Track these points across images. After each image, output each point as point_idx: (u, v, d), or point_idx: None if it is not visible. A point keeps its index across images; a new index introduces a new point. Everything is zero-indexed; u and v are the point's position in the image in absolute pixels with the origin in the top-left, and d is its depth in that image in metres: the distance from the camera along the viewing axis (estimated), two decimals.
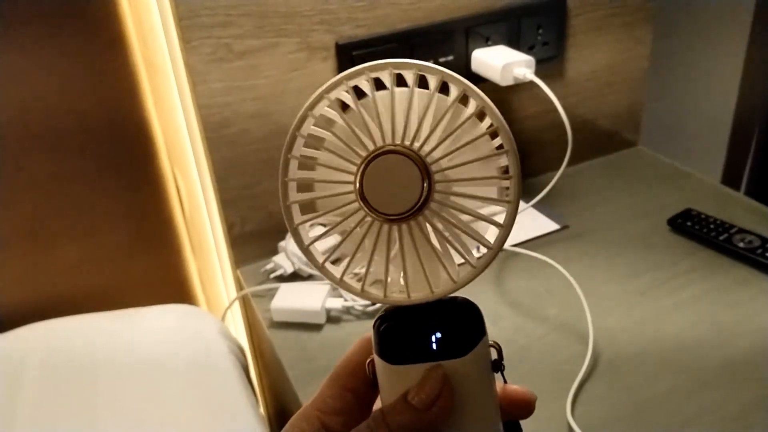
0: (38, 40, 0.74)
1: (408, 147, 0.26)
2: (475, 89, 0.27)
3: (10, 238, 0.83)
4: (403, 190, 0.26)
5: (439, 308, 0.29)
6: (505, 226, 0.28)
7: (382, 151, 0.26)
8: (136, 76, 0.80)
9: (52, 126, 0.79)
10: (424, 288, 0.28)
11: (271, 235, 0.81)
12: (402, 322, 0.29)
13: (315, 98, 0.27)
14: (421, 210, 0.27)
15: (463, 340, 0.28)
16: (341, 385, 0.30)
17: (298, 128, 0.28)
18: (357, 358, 0.30)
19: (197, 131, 0.78)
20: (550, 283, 0.73)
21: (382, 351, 0.29)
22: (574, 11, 0.87)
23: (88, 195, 0.84)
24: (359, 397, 0.30)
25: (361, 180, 0.26)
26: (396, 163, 0.26)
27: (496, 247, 0.28)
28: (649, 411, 0.59)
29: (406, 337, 0.28)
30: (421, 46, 0.79)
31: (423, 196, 0.26)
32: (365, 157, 0.27)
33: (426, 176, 0.26)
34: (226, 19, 0.70)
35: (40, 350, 0.75)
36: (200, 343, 0.77)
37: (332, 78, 0.27)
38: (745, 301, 0.70)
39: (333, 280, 0.29)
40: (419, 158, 0.26)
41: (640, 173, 0.96)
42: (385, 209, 0.27)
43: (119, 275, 0.90)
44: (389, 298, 0.28)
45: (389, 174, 0.26)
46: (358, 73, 0.27)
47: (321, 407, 0.30)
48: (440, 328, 0.28)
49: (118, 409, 0.68)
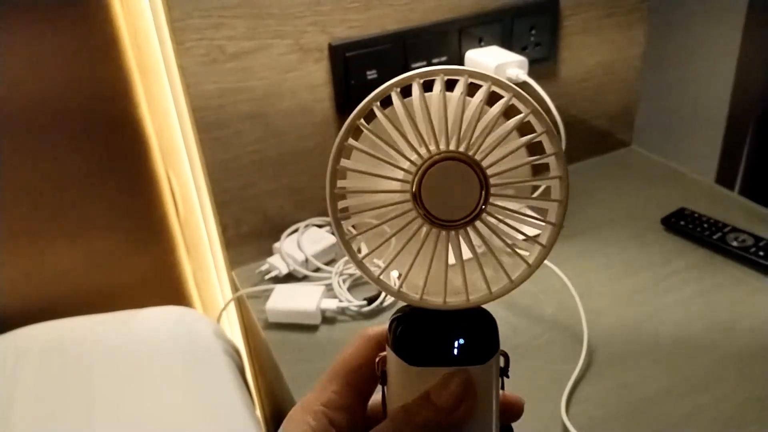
0: (32, 41, 0.74)
1: (471, 156, 0.26)
2: (531, 101, 0.27)
3: (4, 240, 0.82)
4: (460, 197, 0.26)
5: (461, 315, 0.29)
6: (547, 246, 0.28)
7: (445, 157, 0.26)
8: (129, 78, 0.80)
9: (47, 128, 0.79)
10: (460, 295, 0.28)
11: (266, 237, 0.81)
12: (424, 325, 0.29)
13: (363, 106, 0.27)
14: (474, 219, 0.27)
15: (484, 348, 0.29)
16: (344, 381, 0.30)
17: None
18: (361, 354, 0.31)
19: (191, 133, 0.78)
20: (545, 283, 0.74)
21: (402, 351, 0.29)
22: (566, 12, 0.87)
23: (82, 197, 0.84)
24: (361, 393, 0.31)
25: (419, 184, 0.26)
26: (457, 170, 0.26)
27: (534, 264, 0.28)
28: (643, 410, 0.59)
29: (429, 340, 0.29)
30: (414, 47, 0.79)
31: (479, 206, 0.27)
32: (426, 159, 0.26)
33: (484, 187, 0.26)
34: (219, 20, 0.70)
35: (36, 352, 0.75)
36: (196, 344, 0.77)
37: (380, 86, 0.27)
38: (739, 300, 0.70)
39: (371, 277, 0.29)
40: (480, 168, 0.26)
41: (633, 173, 0.96)
42: (441, 215, 0.27)
43: (114, 277, 0.89)
44: (425, 302, 0.28)
45: (448, 180, 0.26)
46: (409, 80, 0.27)
47: (326, 402, 0.30)
48: (463, 335, 0.29)
49: (114, 410, 0.68)
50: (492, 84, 0.27)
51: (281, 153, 0.78)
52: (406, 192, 0.27)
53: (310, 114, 0.78)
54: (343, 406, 0.30)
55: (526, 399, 0.62)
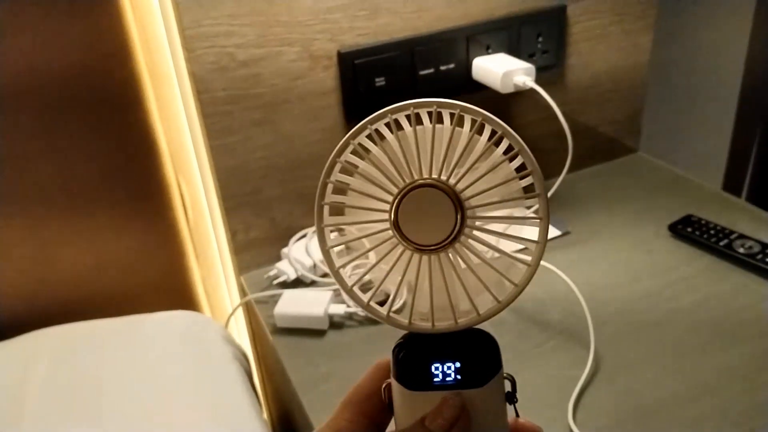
0: (44, 48, 0.75)
1: (444, 182, 0.27)
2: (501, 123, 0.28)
3: (16, 246, 0.83)
4: (437, 222, 0.27)
5: (459, 338, 0.29)
6: (532, 264, 0.29)
7: (419, 184, 0.27)
8: (141, 85, 0.81)
9: (59, 135, 0.80)
10: (448, 318, 0.29)
11: (274, 242, 0.82)
12: (422, 350, 0.30)
13: (342, 145, 0.28)
14: (453, 242, 0.28)
15: (481, 371, 0.29)
16: (357, 410, 0.31)
17: (328, 175, 0.29)
18: (372, 383, 0.31)
19: (201, 139, 0.79)
20: (552, 288, 0.74)
21: (401, 377, 0.30)
22: (573, 19, 0.88)
23: (93, 203, 0.85)
24: (374, 422, 0.31)
25: (397, 210, 0.27)
26: (431, 196, 0.27)
27: (521, 285, 0.29)
28: (650, 416, 0.59)
29: (425, 364, 0.29)
30: (422, 55, 0.79)
31: (456, 229, 0.27)
32: (402, 188, 0.28)
33: (459, 210, 0.27)
34: (230, 28, 0.70)
35: (46, 356, 0.76)
36: (204, 349, 0.78)
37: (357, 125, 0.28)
38: (745, 307, 0.70)
39: (360, 304, 0.30)
40: (454, 193, 0.27)
41: (640, 179, 0.97)
42: (419, 239, 0.28)
43: (124, 282, 0.90)
44: (413, 326, 0.29)
45: (424, 206, 0.27)
46: (381, 117, 0.28)
47: (338, 431, 0.30)
48: (460, 358, 0.29)
49: (123, 414, 0.69)
50: (460, 111, 0.28)
51: (290, 159, 0.79)
52: (385, 221, 0.28)
53: (319, 120, 0.78)
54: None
55: (533, 405, 0.62)
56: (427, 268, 0.28)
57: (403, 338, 0.31)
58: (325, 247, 0.29)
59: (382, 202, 0.28)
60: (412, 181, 0.28)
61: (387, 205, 0.28)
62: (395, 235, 0.28)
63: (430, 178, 0.27)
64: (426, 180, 0.27)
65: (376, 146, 0.28)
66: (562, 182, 0.80)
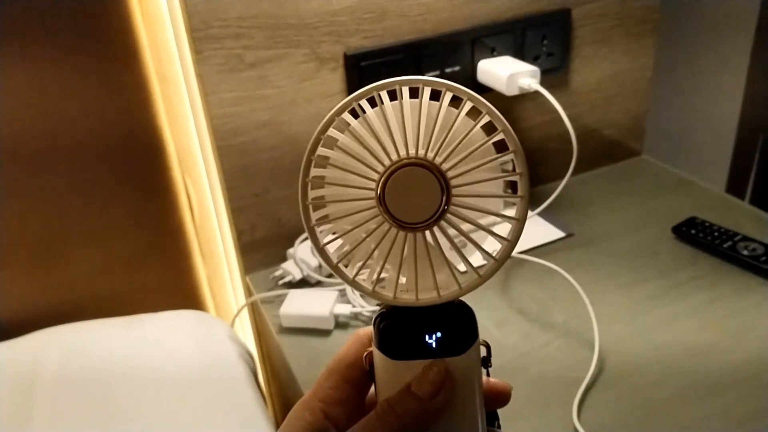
0: (55, 57, 0.76)
1: (430, 161, 0.28)
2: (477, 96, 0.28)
3: (25, 246, 0.84)
4: (422, 201, 0.28)
5: (439, 309, 0.30)
6: (511, 240, 0.30)
7: (407, 163, 0.28)
8: (149, 88, 0.82)
9: (67, 137, 0.81)
10: (431, 291, 0.30)
11: (280, 242, 0.83)
12: (403, 320, 0.31)
13: (326, 121, 0.29)
14: (437, 221, 0.28)
15: (461, 340, 0.31)
16: (340, 377, 0.32)
17: (312, 152, 0.29)
18: (354, 352, 0.32)
19: (208, 140, 0.79)
20: (556, 290, 0.74)
21: (383, 346, 0.31)
22: (578, 22, 0.88)
23: (100, 203, 0.85)
24: (357, 389, 0.32)
25: (383, 188, 0.28)
26: (418, 175, 0.28)
27: (501, 260, 0.30)
28: (654, 417, 0.59)
29: (408, 335, 0.31)
30: (428, 57, 0.80)
31: (441, 208, 0.28)
32: (389, 166, 0.28)
33: (445, 189, 0.28)
34: (238, 30, 0.71)
35: (54, 355, 0.77)
36: (210, 348, 0.78)
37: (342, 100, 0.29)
38: (749, 308, 0.70)
39: (346, 279, 0.30)
40: (440, 172, 0.28)
41: (644, 182, 0.97)
42: (404, 217, 0.28)
43: (131, 282, 0.91)
44: (398, 300, 0.30)
45: (410, 184, 0.28)
46: (366, 93, 0.29)
47: (323, 398, 0.31)
48: (441, 329, 0.30)
49: (130, 412, 0.69)
50: (446, 90, 0.28)
51: (296, 160, 0.79)
52: (371, 199, 0.28)
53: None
54: (340, 401, 0.31)
55: (538, 404, 0.63)
56: (412, 245, 0.29)
57: (385, 308, 0.31)
58: (310, 224, 0.30)
59: (368, 180, 0.28)
60: (399, 159, 0.28)
61: (373, 183, 0.28)
62: (381, 214, 0.28)
63: (417, 157, 0.28)
64: (413, 159, 0.28)
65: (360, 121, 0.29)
66: (566, 185, 0.81)
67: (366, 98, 0.29)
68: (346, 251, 0.30)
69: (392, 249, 0.29)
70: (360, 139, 0.28)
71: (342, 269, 0.30)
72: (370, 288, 0.30)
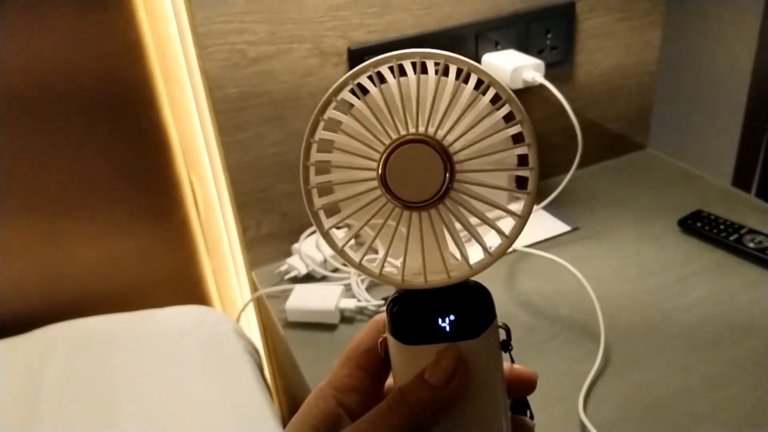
0: (58, 47, 0.76)
1: (431, 137, 0.27)
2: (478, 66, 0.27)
3: (31, 242, 0.84)
4: (425, 179, 0.27)
5: (452, 291, 0.29)
6: (523, 216, 0.28)
7: (406, 140, 0.27)
8: (153, 83, 0.82)
9: (72, 133, 0.81)
10: (440, 273, 0.29)
11: (285, 237, 0.83)
12: (416, 305, 0.30)
13: (324, 101, 0.28)
14: (442, 198, 0.27)
15: (475, 322, 0.29)
16: (355, 364, 0.31)
17: (312, 134, 0.28)
18: (369, 339, 0.31)
19: (213, 136, 0.80)
20: (562, 283, 0.74)
21: (396, 332, 0.30)
22: (582, 16, 0.88)
23: (106, 199, 0.86)
24: (372, 376, 0.31)
25: (384, 167, 0.27)
26: (419, 152, 0.27)
27: (512, 236, 0.28)
28: (661, 409, 0.59)
29: (420, 318, 0.29)
30: None
31: (444, 185, 0.27)
32: (389, 144, 0.27)
33: (448, 166, 0.27)
34: (241, 25, 0.71)
35: (62, 349, 0.77)
36: (216, 343, 0.79)
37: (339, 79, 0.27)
38: (756, 301, 0.70)
39: (352, 263, 0.29)
40: (442, 148, 0.27)
41: (649, 175, 0.97)
42: (407, 197, 0.27)
43: (136, 277, 0.91)
44: (406, 282, 0.29)
45: (412, 162, 0.27)
46: (364, 70, 0.27)
47: (337, 386, 0.31)
48: (454, 311, 0.29)
49: (138, 405, 0.69)
50: (445, 61, 0.27)
51: (300, 155, 0.80)
52: (373, 180, 0.27)
53: None
54: (354, 389, 0.31)
55: (543, 398, 0.62)
56: (418, 225, 0.28)
57: (397, 293, 0.30)
58: (313, 209, 0.29)
59: (368, 160, 0.27)
60: (399, 137, 0.27)
61: (374, 163, 0.27)
62: (384, 194, 0.27)
63: (418, 133, 0.27)
64: (414, 135, 0.27)
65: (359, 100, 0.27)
66: (571, 178, 0.80)
67: (365, 75, 0.27)
68: (351, 233, 0.29)
69: (397, 230, 0.28)
70: (359, 118, 0.27)
71: (348, 253, 0.29)
72: (377, 271, 0.29)
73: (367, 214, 0.28)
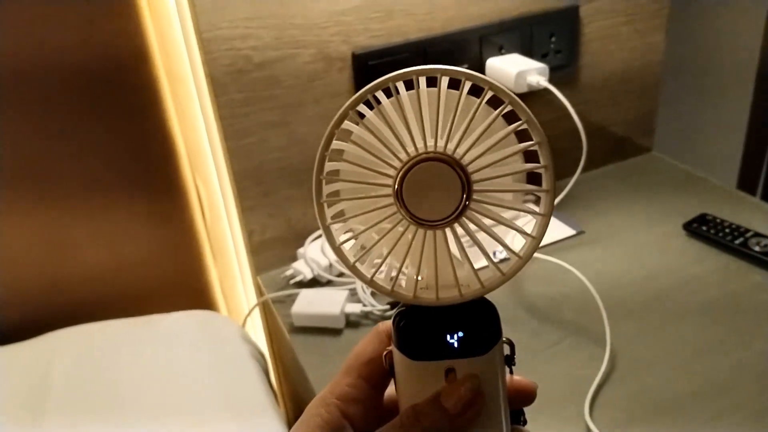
0: (63, 51, 0.76)
1: (450, 155, 0.26)
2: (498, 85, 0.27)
3: (36, 246, 0.85)
4: (442, 197, 0.27)
5: (460, 308, 0.29)
6: (536, 237, 0.28)
7: (426, 158, 0.26)
8: (159, 88, 0.82)
9: (79, 137, 0.81)
10: (452, 290, 0.29)
11: (291, 242, 0.83)
12: (424, 320, 0.29)
13: (341, 114, 0.27)
14: (458, 218, 0.27)
15: (483, 339, 0.29)
16: (357, 374, 0.31)
17: (326, 148, 0.27)
18: (371, 348, 0.31)
19: (218, 141, 0.80)
20: (567, 287, 0.74)
21: (403, 347, 0.29)
22: (586, 19, 0.88)
23: (111, 204, 0.86)
24: (374, 386, 0.31)
25: (401, 184, 0.26)
26: (438, 170, 0.26)
27: (525, 257, 0.28)
28: (666, 413, 0.59)
29: (428, 335, 0.29)
30: (435, 56, 0.80)
31: (462, 204, 0.27)
32: (407, 161, 0.26)
33: (466, 186, 0.26)
34: (246, 31, 0.71)
35: (66, 356, 0.77)
36: (222, 347, 0.79)
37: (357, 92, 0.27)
38: (761, 305, 0.70)
39: (363, 279, 0.29)
40: (461, 168, 0.26)
41: (654, 179, 0.96)
42: (423, 215, 0.27)
43: (141, 282, 0.91)
44: (418, 299, 0.29)
45: (430, 180, 0.26)
46: (382, 85, 0.27)
47: (339, 395, 0.31)
48: (462, 328, 0.29)
49: (142, 411, 0.70)
50: (465, 79, 0.27)
51: (305, 160, 0.80)
52: (388, 196, 0.27)
53: None
54: (357, 399, 0.31)
55: (549, 402, 0.62)
56: (432, 243, 0.28)
57: (404, 307, 0.30)
58: (325, 223, 0.28)
59: (384, 176, 0.27)
60: (417, 155, 0.26)
61: (390, 180, 0.27)
62: (399, 211, 0.27)
63: (436, 152, 0.26)
64: (432, 154, 0.26)
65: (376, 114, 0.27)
66: (576, 182, 0.80)
67: (381, 89, 0.27)
68: (364, 251, 0.28)
69: (411, 247, 0.28)
70: (375, 132, 0.27)
71: (359, 269, 0.29)
72: (389, 288, 0.29)
73: (380, 231, 0.28)
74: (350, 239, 0.29)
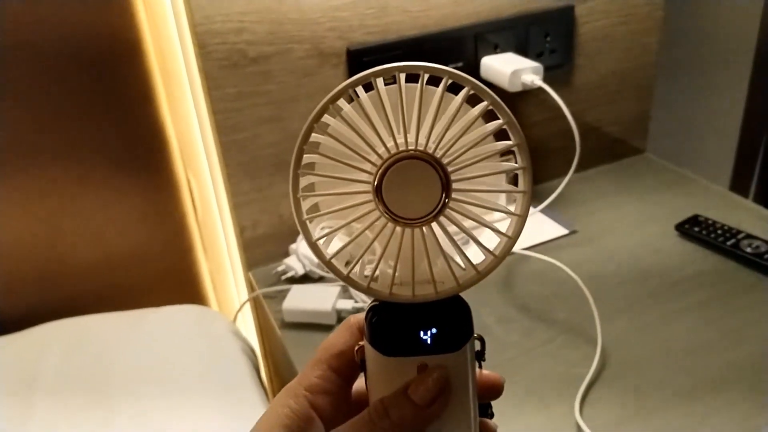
0: (55, 43, 0.76)
1: (431, 154, 0.26)
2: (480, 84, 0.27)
3: (27, 239, 0.84)
4: (421, 196, 0.27)
5: (434, 304, 0.29)
6: (512, 236, 0.28)
7: (404, 156, 0.26)
8: (152, 82, 0.82)
9: (71, 130, 0.81)
10: (428, 287, 0.29)
11: (283, 238, 0.83)
12: (396, 316, 0.29)
13: (320, 109, 0.27)
14: (436, 216, 0.27)
15: (456, 335, 0.30)
16: (327, 366, 0.31)
17: (305, 142, 0.27)
18: (343, 342, 0.31)
19: (211, 135, 0.79)
20: (559, 286, 0.74)
21: (376, 342, 0.29)
22: (582, 19, 0.88)
23: (103, 198, 0.85)
24: (344, 378, 0.31)
25: (381, 180, 0.26)
26: (418, 169, 0.26)
27: (500, 256, 0.29)
28: (656, 413, 0.59)
29: (401, 331, 0.29)
30: (430, 53, 0.80)
31: (441, 203, 0.27)
32: (387, 158, 0.26)
33: (445, 183, 0.26)
34: (241, 25, 0.71)
35: (56, 348, 0.77)
36: (212, 343, 0.79)
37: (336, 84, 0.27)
38: (752, 306, 0.70)
39: (339, 275, 0.29)
40: (441, 167, 0.26)
41: (647, 179, 0.97)
42: (402, 212, 0.27)
43: (132, 276, 0.91)
44: (394, 296, 0.29)
45: (409, 179, 0.26)
46: (363, 80, 0.27)
47: (308, 386, 0.31)
48: (436, 325, 0.29)
49: (132, 407, 0.69)
50: (448, 77, 0.26)
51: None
52: (367, 192, 0.27)
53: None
54: (326, 390, 0.31)
55: (540, 401, 0.63)
56: (410, 241, 0.28)
57: (377, 301, 0.30)
58: (302, 218, 0.28)
59: (363, 172, 0.27)
60: (397, 152, 0.26)
61: (369, 176, 0.27)
62: (377, 208, 0.27)
63: (417, 150, 0.26)
64: (413, 152, 0.26)
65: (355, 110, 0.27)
66: (569, 182, 0.80)
67: (362, 85, 0.27)
68: (341, 248, 0.28)
69: (388, 245, 0.28)
70: (355, 127, 0.27)
71: (335, 265, 0.29)
72: (365, 284, 0.29)
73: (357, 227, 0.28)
74: (327, 235, 0.29)
